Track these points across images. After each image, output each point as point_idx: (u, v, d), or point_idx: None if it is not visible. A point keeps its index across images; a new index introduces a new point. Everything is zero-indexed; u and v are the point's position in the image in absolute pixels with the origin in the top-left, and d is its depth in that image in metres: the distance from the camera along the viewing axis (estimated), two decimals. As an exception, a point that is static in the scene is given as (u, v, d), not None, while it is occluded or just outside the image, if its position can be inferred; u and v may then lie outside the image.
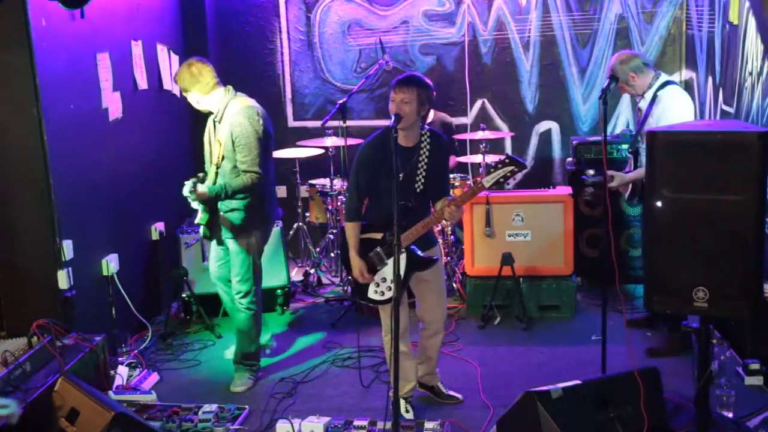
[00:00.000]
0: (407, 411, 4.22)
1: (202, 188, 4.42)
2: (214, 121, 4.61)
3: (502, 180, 3.82)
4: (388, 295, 3.97)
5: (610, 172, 4.62)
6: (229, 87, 4.63)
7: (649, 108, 4.68)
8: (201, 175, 4.56)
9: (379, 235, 4.02)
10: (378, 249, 4.02)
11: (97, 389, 3.96)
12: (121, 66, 5.34)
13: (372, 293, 4.05)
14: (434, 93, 4.06)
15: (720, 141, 3.10)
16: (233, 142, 4.47)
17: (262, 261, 4.77)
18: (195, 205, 4.60)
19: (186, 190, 4.40)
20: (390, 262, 3.94)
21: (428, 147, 4.00)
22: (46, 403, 3.71)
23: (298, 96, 7.23)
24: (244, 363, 4.76)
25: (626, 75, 4.68)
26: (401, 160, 3.93)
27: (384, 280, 4.01)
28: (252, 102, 4.61)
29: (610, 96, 4.11)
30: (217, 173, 4.56)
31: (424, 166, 3.99)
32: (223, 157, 4.52)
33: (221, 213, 4.60)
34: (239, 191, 4.49)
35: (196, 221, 4.67)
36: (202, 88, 4.51)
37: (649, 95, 4.71)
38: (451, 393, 4.46)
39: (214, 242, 4.74)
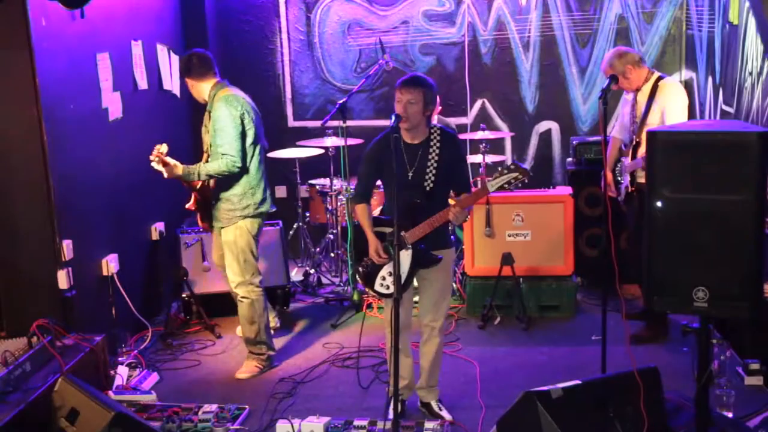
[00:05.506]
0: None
1: (173, 160, 4.52)
2: (208, 112, 4.74)
3: (506, 185, 3.91)
4: (393, 289, 3.96)
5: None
6: (223, 81, 4.75)
7: (650, 100, 4.85)
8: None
9: (389, 230, 4.05)
10: (386, 243, 4.04)
11: (97, 389, 3.96)
12: (121, 66, 5.34)
13: (378, 286, 4.07)
14: (437, 94, 4.08)
15: (720, 141, 3.10)
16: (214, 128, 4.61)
17: (262, 260, 4.77)
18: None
19: (155, 153, 4.49)
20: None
21: (438, 144, 4.00)
22: (46, 403, 3.71)
23: (298, 96, 7.23)
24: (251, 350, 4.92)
25: (623, 68, 4.87)
26: (408, 156, 3.99)
27: (390, 274, 4.02)
28: (236, 92, 4.71)
29: (610, 96, 4.12)
30: (207, 162, 4.67)
31: (434, 164, 3.98)
32: (210, 145, 4.63)
33: (214, 202, 4.74)
34: (213, 174, 4.60)
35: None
36: (197, 75, 4.69)
37: (647, 88, 4.89)
38: (442, 413, 4.21)
39: (215, 232, 4.88)
